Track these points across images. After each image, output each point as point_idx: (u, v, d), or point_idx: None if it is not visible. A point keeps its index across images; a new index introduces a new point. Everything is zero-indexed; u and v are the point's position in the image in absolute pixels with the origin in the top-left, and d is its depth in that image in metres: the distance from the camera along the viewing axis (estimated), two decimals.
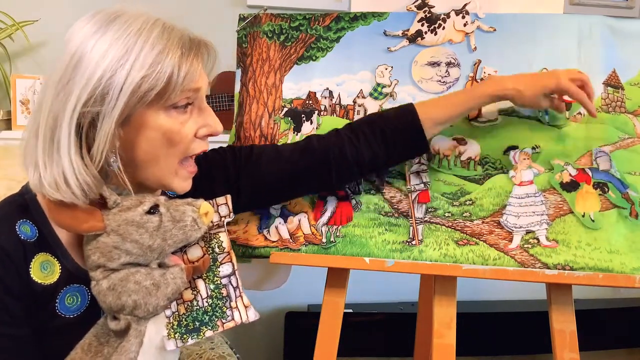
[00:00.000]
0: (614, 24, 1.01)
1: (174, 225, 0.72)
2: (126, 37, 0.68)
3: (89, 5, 1.66)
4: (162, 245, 0.72)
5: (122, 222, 0.70)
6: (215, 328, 0.76)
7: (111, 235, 0.70)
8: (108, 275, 0.71)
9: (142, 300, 0.70)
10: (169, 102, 0.71)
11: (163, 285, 0.72)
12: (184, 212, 0.73)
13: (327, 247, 1.00)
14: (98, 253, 0.70)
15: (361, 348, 1.77)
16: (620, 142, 0.98)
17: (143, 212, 0.71)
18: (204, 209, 0.75)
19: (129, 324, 0.70)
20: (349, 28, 1.08)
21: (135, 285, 0.70)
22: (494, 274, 0.95)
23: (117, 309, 0.70)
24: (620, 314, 1.92)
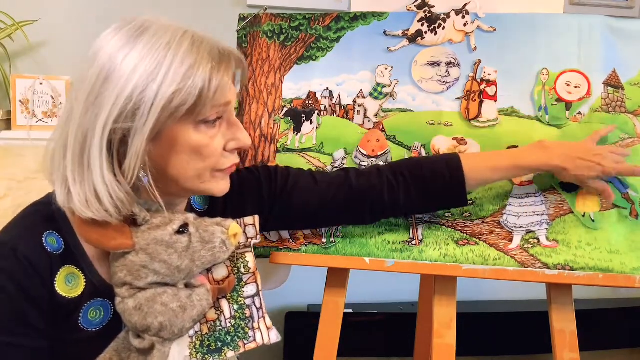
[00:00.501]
0: (614, 24, 1.01)
1: (202, 246, 0.71)
2: (156, 51, 0.67)
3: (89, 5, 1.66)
4: (190, 266, 0.71)
5: (151, 241, 0.69)
6: (237, 349, 0.76)
7: (140, 254, 0.69)
8: (134, 294, 0.70)
9: (168, 323, 0.69)
10: (200, 117, 0.70)
11: (189, 308, 0.71)
12: (213, 234, 0.72)
13: (327, 247, 1.00)
14: (125, 271, 0.69)
15: (361, 348, 1.77)
16: (621, 142, 0.98)
17: (173, 232, 0.70)
18: (232, 230, 0.74)
19: (153, 344, 0.69)
20: (349, 28, 1.08)
21: (162, 307, 0.69)
22: (494, 274, 0.95)
23: (143, 329, 0.69)
24: (620, 314, 1.92)
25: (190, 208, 0.86)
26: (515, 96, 1.02)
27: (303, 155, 1.06)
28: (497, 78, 1.03)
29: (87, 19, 1.60)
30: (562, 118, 1.00)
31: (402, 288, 1.85)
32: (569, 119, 1.00)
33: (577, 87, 1.00)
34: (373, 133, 1.05)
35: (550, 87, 1.01)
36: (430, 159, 0.95)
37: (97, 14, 1.61)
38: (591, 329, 1.81)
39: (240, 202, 0.88)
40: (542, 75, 1.01)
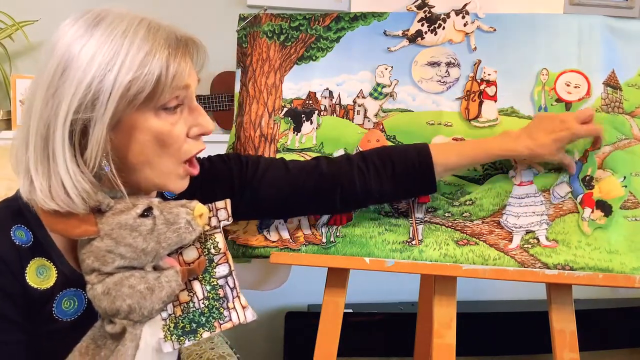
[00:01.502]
0: (614, 24, 1.01)
1: (167, 227, 0.72)
2: (112, 40, 0.67)
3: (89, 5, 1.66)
4: (156, 248, 0.71)
5: (115, 225, 0.70)
6: (212, 329, 0.76)
7: (105, 239, 0.70)
8: (103, 280, 0.70)
9: (136, 305, 0.69)
10: (159, 104, 0.70)
11: (157, 289, 0.71)
12: (178, 215, 0.72)
13: (327, 247, 1.00)
14: (92, 257, 0.70)
15: (361, 348, 1.77)
16: (618, 142, 0.98)
17: (136, 216, 0.70)
18: (198, 210, 0.74)
19: (124, 327, 0.70)
20: (349, 28, 1.08)
21: (130, 290, 0.69)
22: (494, 274, 0.95)
23: (113, 313, 0.70)
24: (620, 314, 1.92)
25: (161, 196, 0.85)
26: (515, 96, 1.02)
27: (303, 155, 1.06)
28: (497, 78, 1.03)
29: None
30: None
31: (402, 288, 1.85)
32: None
33: (577, 87, 1.00)
34: (373, 133, 1.05)
35: (550, 87, 1.01)
36: (400, 147, 0.98)
37: None
38: (591, 329, 1.81)
39: (211, 188, 0.89)
40: (542, 75, 1.01)
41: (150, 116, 0.71)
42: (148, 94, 0.68)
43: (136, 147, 0.72)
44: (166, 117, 0.72)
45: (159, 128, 0.71)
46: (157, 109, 0.71)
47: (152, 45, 0.69)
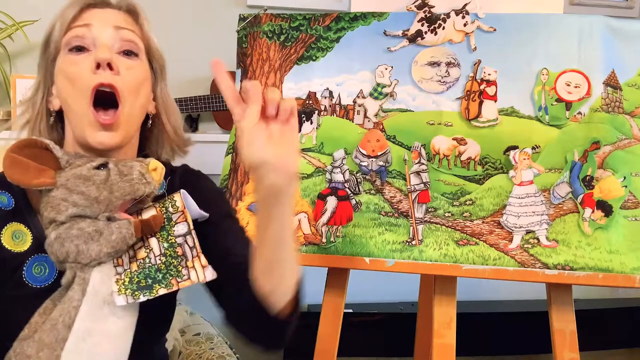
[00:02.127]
0: (614, 24, 1.01)
1: (121, 178, 0.74)
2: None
3: None
4: (109, 197, 0.73)
5: (70, 176, 0.73)
6: (169, 286, 0.75)
7: (60, 189, 0.73)
8: (56, 228, 0.73)
9: (84, 246, 0.71)
10: (63, 45, 0.79)
11: (107, 232, 0.72)
12: (132, 167, 0.75)
13: (327, 247, 1.00)
14: (49, 207, 0.73)
15: (361, 348, 1.77)
16: (618, 142, 0.98)
17: (91, 167, 0.74)
18: (152, 164, 0.76)
19: (75, 273, 0.72)
20: (349, 28, 1.08)
21: (78, 231, 0.71)
22: (494, 274, 0.95)
23: (63, 258, 0.71)
24: (620, 314, 1.92)
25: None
26: (515, 96, 1.02)
27: (303, 155, 1.06)
28: (497, 78, 1.03)
29: None
30: (562, 118, 1.00)
31: (402, 288, 1.85)
32: (569, 118, 1.00)
33: (577, 87, 1.00)
34: (373, 133, 1.05)
35: (550, 87, 1.01)
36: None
37: None
38: (591, 329, 1.81)
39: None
40: (542, 75, 1.01)
41: (61, 58, 0.79)
42: (52, 42, 0.81)
43: (59, 89, 0.80)
44: (72, 56, 0.79)
45: (64, 66, 0.79)
46: (65, 52, 0.79)
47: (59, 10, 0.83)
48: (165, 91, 0.89)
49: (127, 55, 0.81)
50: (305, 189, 1.04)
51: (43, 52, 0.83)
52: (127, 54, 0.81)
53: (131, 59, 0.81)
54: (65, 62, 0.79)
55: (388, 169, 1.04)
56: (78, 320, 0.70)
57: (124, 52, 0.81)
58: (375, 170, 1.04)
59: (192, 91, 1.65)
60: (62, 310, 0.71)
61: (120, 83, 0.78)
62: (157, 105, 0.88)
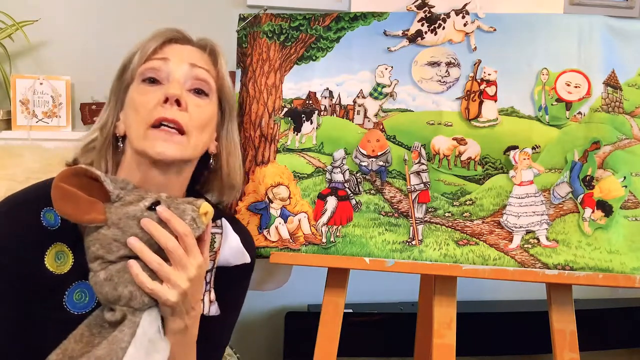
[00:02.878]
0: (614, 24, 1.01)
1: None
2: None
3: (89, 5, 1.66)
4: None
5: (123, 215, 0.71)
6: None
7: (112, 228, 0.71)
8: (106, 267, 0.71)
9: (137, 292, 0.70)
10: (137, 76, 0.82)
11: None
12: (184, 211, 0.74)
13: (327, 247, 1.00)
14: (98, 244, 0.71)
15: (361, 348, 1.77)
16: (618, 142, 0.98)
17: (144, 208, 0.72)
18: (204, 208, 0.75)
19: (124, 315, 0.71)
20: (349, 28, 1.08)
21: (132, 276, 0.70)
22: (494, 274, 0.95)
23: (114, 300, 0.71)
24: (620, 314, 1.92)
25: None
26: (515, 96, 1.02)
27: (303, 156, 1.06)
28: (497, 78, 1.03)
29: (87, 18, 1.60)
30: (562, 118, 1.00)
31: (402, 288, 1.85)
32: (569, 118, 1.00)
33: (577, 87, 1.00)
34: (373, 133, 1.05)
35: (550, 87, 1.01)
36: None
37: (97, 14, 1.61)
38: (591, 329, 1.81)
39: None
40: (542, 75, 1.01)
41: (134, 87, 0.83)
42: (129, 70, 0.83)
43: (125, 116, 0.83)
44: (144, 87, 0.82)
45: (135, 94, 0.82)
46: (139, 82, 0.82)
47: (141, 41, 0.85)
48: (230, 133, 0.92)
49: (197, 93, 0.84)
50: (305, 189, 1.05)
51: (118, 78, 0.85)
52: (198, 92, 0.84)
53: (200, 98, 0.84)
54: (136, 91, 0.82)
55: (388, 169, 1.04)
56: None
57: (195, 90, 0.84)
58: (375, 170, 1.04)
59: None
60: (110, 350, 0.69)
61: (186, 119, 0.80)
62: (219, 146, 0.90)
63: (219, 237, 0.84)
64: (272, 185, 1.05)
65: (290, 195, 1.04)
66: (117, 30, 1.60)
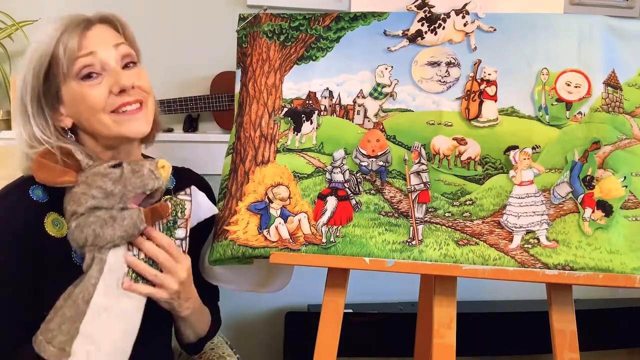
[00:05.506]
0: (614, 24, 1.01)
1: (133, 174, 0.84)
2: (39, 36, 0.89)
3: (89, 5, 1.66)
4: (122, 191, 0.84)
5: (90, 174, 0.84)
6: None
7: (81, 185, 0.84)
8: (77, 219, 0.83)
9: (99, 230, 0.82)
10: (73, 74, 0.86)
11: (119, 218, 0.83)
12: (143, 165, 0.86)
13: (327, 247, 1.00)
14: (71, 202, 0.84)
15: (361, 348, 1.77)
16: (619, 142, 0.98)
17: (107, 166, 0.85)
18: (161, 163, 0.87)
19: (93, 256, 0.82)
20: (349, 28, 1.08)
21: (95, 218, 0.82)
22: (494, 274, 0.95)
23: (82, 243, 0.82)
24: (620, 314, 1.92)
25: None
26: (515, 96, 1.02)
27: (303, 156, 1.06)
28: (497, 78, 1.03)
29: None
30: (562, 118, 1.00)
31: (402, 288, 1.85)
32: (569, 118, 1.00)
33: (577, 87, 1.00)
34: (373, 133, 1.05)
35: (550, 87, 1.01)
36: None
37: None
38: (591, 329, 1.81)
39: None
40: (542, 75, 1.01)
41: (73, 86, 0.87)
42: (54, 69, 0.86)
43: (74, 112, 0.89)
44: (86, 84, 0.87)
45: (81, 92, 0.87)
46: (77, 79, 0.87)
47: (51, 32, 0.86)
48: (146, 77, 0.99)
49: (129, 67, 0.91)
50: (305, 189, 1.04)
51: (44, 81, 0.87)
52: (128, 65, 0.91)
53: (134, 68, 0.92)
54: (80, 88, 0.87)
55: (388, 169, 1.04)
56: (95, 295, 0.81)
57: (126, 66, 0.91)
58: (375, 170, 1.04)
59: (192, 91, 1.65)
60: (82, 287, 0.82)
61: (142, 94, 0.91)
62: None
63: (188, 204, 0.92)
64: (272, 185, 1.05)
65: (290, 195, 1.04)
66: None
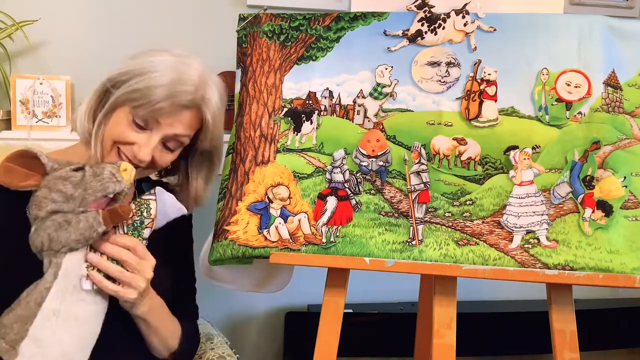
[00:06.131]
0: (614, 24, 1.01)
1: (94, 178, 0.83)
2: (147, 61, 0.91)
3: (89, 5, 1.65)
4: (82, 194, 0.82)
5: (52, 178, 0.83)
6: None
7: (42, 189, 0.83)
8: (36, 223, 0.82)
9: (54, 234, 0.80)
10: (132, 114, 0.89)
11: (74, 222, 0.81)
12: (104, 168, 0.84)
13: (327, 247, 1.00)
14: (33, 206, 0.83)
15: (361, 348, 1.77)
16: (619, 142, 0.98)
17: (69, 170, 0.84)
18: (123, 166, 0.85)
19: (50, 260, 0.81)
20: (349, 28, 1.08)
21: (50, 222, 0.81)
22: (494, 274, 0.95)
23: (40, 248, 0.81)
24: (620, 314, 1.91)
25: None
26: (515, 96, 1.02)
27: (303, 156, 1.06)
28: (497, 78, 1.03)
29: (87, 19, 1.60)
30: (562, 118, 1.00)
31: (402, 288, 1.85)
32: (569, 118, 1.00)
33: (577, 86, 1.00)
34: (373, 133, 1.05)
35: (550, 87, 1.01)
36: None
37: (98, 14, 1.61)
38: (591, 329, 1.80)
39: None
40: (542, 75, 1.01)
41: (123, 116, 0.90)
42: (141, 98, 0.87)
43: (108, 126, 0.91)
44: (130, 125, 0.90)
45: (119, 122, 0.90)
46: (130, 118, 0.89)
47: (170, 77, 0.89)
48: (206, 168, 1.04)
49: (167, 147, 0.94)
50: (305, 189, 1.04)
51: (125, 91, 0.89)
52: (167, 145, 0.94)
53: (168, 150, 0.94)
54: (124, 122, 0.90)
55: (388, 169, 1.04)
56: (47, 299, 0.80)
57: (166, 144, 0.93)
58: (375, 170, 1.04)
59: None
60: (36, 290, 0.81)
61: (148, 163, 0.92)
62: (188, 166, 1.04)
63: (153, 203, 0.91)
64: (272, 185, 1.05)
65: (290, 195, 1.04)
66: (117, 30, 1.60)
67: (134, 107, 0.88)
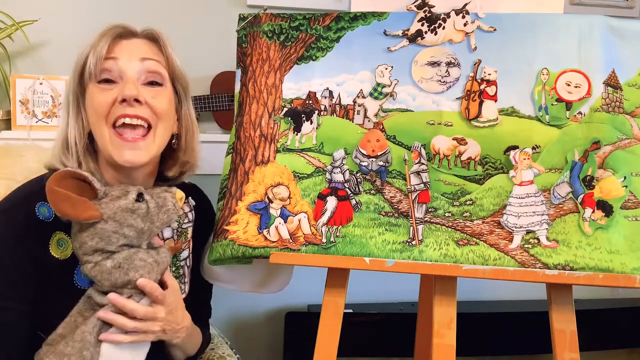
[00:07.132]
0: (614, 24, 1.01)
1: (159, 210, 0.83)
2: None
3: (89, 5, 1.65)
4: (151, 228, 0.83)
5: (117, 209, 0.80)
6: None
7: (109, 222, 0.79)
8: (109, 256, 0.80)
9: (147, 275, 0.81)
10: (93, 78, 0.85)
11: (161, 262, 0.84)
12: (166, 199, 0.85)
13: (327, 247, 1.00)
14: (97, 238, 0.79)
15: (361, 348, 1.77)
16: (619, 142, 0.98)
17: (133, 200, 0.81)
18: (179, 194, 0.87)
19: (130, 296, 0.81)
20: (349, 28, 1.08)
21: (141, 262, 0.81)
22: (494, 274, 0.95)
23: (123, 285, 0.80)
24: (620, 314, 1.92)
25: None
26: (515, 96, 1.02)
27: (303, 155, 1.06)
28: (497, 78, 1.03)
29: (87, 19, 1.60)
30: (562, 118, 1.00)
31: (402, 288, 1.85)
32: (569, 118, 1.00)
33: (578, 86, 1.00)
34: (373, 133, 1.05)
35: (550, 87, 1.01)
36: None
37: (98, 14, 1.61)
38: (591, 329, 1.81)
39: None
40: (542, 75, 1.01)
41: (90, 88, 0.86)
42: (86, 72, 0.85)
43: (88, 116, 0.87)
44: (99, 88, 0.86)
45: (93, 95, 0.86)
46: (94, 83, 0.86)
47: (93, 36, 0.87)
48: (187, 112, 0.97)
49: (151, 85, 0.89)
50: (305, 189, 1.04)
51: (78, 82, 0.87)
52: (152, 84, 0.89)
53: (155, 89, 0.89)
54: (93, 92, 0.86)
55: (388, 169, 1.04)
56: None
57: (149, 83, 0.88)
58: (375, 170, 1.04)
59: (192, 91, 1.64)
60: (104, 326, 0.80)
61: (148, 113, 0.86)
62: (179, 126, 0.96)
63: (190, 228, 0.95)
64: (272, 185, 1.05)
65: (290, 195, 1.04)
66: None
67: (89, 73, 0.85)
